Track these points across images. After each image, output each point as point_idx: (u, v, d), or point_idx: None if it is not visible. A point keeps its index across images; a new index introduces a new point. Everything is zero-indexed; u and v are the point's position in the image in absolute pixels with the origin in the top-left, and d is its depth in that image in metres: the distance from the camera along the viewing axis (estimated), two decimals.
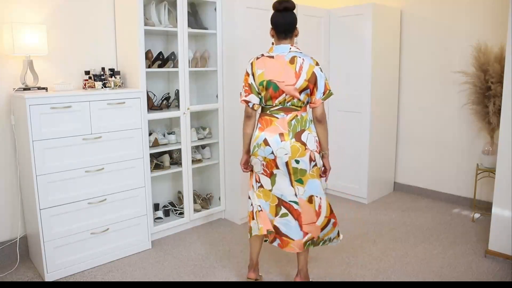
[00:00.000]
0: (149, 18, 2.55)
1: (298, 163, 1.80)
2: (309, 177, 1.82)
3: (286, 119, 1.81)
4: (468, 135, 3.14)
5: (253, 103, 1.86)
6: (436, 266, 2.27)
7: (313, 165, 1.82)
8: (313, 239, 1.88)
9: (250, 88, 1.85)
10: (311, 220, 1.85)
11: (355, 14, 3.15)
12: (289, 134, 1.79)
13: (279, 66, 1.79)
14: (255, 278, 2.05)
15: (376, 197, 3.42)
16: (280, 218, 1.87)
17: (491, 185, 2.90)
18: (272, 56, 1.82)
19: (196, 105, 2.80)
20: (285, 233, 1.87)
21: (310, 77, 1.77)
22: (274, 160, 1.82)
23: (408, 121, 3.50)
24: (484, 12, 2.96)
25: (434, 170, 3.39)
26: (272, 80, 1.79)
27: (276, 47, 1.84)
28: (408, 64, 3.44)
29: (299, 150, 1.78)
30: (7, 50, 2.15)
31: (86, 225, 2.22)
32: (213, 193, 3.03)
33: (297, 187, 1.83)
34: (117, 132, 2.29)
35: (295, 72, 1.76)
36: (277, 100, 1.81)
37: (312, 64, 1.79)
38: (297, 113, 1.81)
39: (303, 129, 1.81)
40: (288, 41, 1.83)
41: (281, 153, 1.79)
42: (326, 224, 1.89)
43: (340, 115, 3.38)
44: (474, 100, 2.87)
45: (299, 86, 1.77)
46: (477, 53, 2.80)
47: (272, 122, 1.82)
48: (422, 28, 3.31)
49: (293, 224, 1.86)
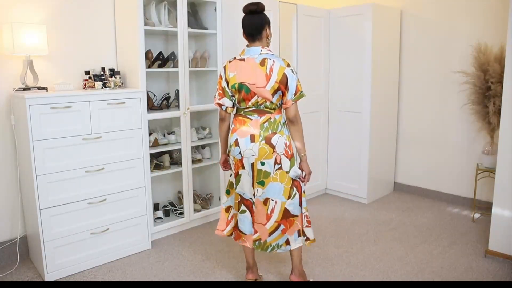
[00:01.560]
0: (149, 18, 2.55)
1: (263, 165, 1.82)
2: (271, 180, 1.83)
3: (259, 121, 1.82)
4: (468, 135, 3.14)
5: (226, 106, 1.89)
6: (436, 266, 2.27)
7: (277, 168, 1.82)
8: (260, 241, 1.91)
9: (223, 91, 1.88)
10: (262, 221, 1.89)
11: (355, 14, 3.15)
12: (260, 136, 1.81)
13: (250, 68, 1.80)
14: (254, 279, 2.05)
15: (376, 197, 3.42)
16: (240, 214, 1.94)
17: (491, 185, 2.90)
18: (243, 58, 1.83)
19: (196, 105, 2.79)
20: (240, 227, 1.95)
21: (280, 78, 1.77)
22: (241, 160, 1.85)
23: (408, 121, 3.50)
24: (484, 12, 2.96)
25: (434, 170, 3.39)
26: (244, 83, 1.81)
27: (247, 50, 1.85)
28: (408, 64, 3.44)
29: (266, 152, 1.80)
30: (7, 50, 2.15)
31: (86, 225, 2.22)
32: (213, 193, 3.03)
33: (257, 189, 1.86)
34: (117, 132, 2.29)
35: (266, 74, 1.77)
36: (250, 102, 1.83)
37: (283, 65, 1.78)
38: (271, 116, 1.82)
39: (275, 132, 1.82)
40: (258, 43, 1.83)
41: (248, 154, 1.83)
42: (275, 229, 1.88)
43: (340, 115, 3.38)
44: (474, 100, 2.86)
45: (270, 88, 1.77)
46: (477, 53, 2.80)
47: (245, 123, 1.84)
48: (422, 28, 3.31)
49: (248, 220, 1.92)
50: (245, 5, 1.82)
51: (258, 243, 1.92)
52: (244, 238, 1.94)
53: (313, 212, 3.11)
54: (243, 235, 1.94)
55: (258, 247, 1.92)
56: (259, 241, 1.91)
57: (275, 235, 1.89)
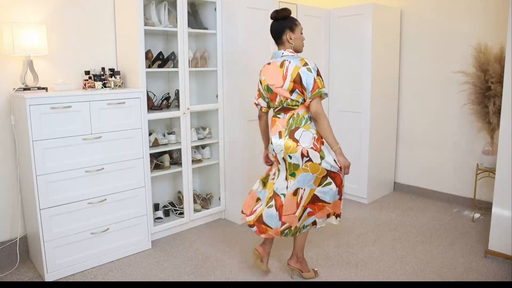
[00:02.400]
0: (149, 18, 2.55)
1: (291, 158, 1.93)
2: (301, 171, 1.92)
3: (285, 118, 1.96)
4: (468, 135, 3.15)
5: (261, 105, 2.12)
6: (436, 266, 2.27)
7: (305, 160, 1.91)
8: (291, 228, 1.99)
9: (259, 92, 2.12)
10: (291, 212, 1.96)
11: (355, 14, 3.15)
12: (285, 132, 1.94)
13: (272, 71, 1.98)
14: (261, 257, 2.11)
15: (376, 197, 3.42)
16: (267, 209, 1.99)
17: (491, 185, 2.90)
18: (270, 62, 2.02)
19: (196, 105, 2.79)
20: (266, 222, 2.00)
21: (295, 78, 1.89)
22: (276, 156, 1.99)
23: (408, 121, 3.50)
24: (484, 12, 2.96)
25: (434, 170, 3.39)
26: (269, 85, 1.99)
27: (273, 54, 2.03)
28: (408, 64, 3.45)
29: (290, 146, 1.91)
30: (7, 50, 2.14)
31: (86, 225, 2.22)
32: (213, 193, 3.03)
33: (290, 181, 1.96)
34: (117, 132, 2.29)
35: (283, 74, 1.92)
36: (276, 102, 2.00)
37: (299, 65, 1.90)
38: (294, 112, 1.95)
39: (298, 127, 1.93)
40: (281, 46, 2.00)
41: (278, 150, 1.96)
42: (302, 213, 1.99)
43: (340, 115, 3.38)
44: (474, 100, 2.86)
45: (286, 88, 1.92)
46: (477, 53, 2.80)
47: (275, 122, 2.00)
48: (422, 28, 3.31)
49: (274, 214, 1.98)
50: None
51: (288, 231, 1.99)
52: (270, 232, 2.00)
53: None
54: (269, 229, 1.99)
55: (288, 234, 2.00)
56: (288, 229, 1.99)
57: (303, 218, 1.99)
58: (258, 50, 2.77)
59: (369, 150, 3.22)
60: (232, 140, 2.85)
